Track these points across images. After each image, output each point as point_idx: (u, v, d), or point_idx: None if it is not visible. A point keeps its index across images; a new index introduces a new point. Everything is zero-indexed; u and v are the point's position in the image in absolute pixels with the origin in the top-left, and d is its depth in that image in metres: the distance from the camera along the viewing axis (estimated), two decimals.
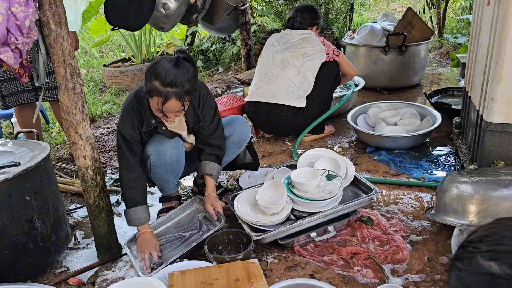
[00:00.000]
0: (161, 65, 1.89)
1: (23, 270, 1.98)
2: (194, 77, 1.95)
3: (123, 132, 2.07)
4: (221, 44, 5.91)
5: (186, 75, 1.89)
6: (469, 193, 1.81)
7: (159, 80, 1.87)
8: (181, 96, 1.89)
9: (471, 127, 2.54)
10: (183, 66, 1.90)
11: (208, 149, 2.24)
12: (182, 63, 1.91)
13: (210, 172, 2.22)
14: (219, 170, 2.28)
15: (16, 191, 1.89)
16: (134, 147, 2.10)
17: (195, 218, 2.26)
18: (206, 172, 2.22)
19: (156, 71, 1.88)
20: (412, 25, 4.00)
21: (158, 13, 2.93)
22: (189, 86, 1.91)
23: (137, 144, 2.11)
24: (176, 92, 1.88)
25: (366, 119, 3.20)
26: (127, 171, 2.09)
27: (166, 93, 1.87)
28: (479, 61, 2.41)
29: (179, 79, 1.87)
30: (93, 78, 5.73)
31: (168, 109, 1.92)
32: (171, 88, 1.87)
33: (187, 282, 1.63)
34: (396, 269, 1.87)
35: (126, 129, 2.07)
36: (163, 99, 1.88)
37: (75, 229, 2.48)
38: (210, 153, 2.24)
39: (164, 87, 1.87)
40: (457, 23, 6.22)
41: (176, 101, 1.89)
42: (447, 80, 4.54)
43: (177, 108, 1.93)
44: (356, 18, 7.20)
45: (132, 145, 2.09)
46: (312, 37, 3.03)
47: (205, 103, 2.17)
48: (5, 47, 1.59)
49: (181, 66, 1.90)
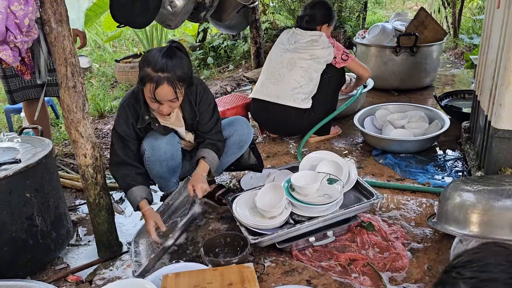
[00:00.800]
0: (152, 53, 1.95)
1: (22, 266, 2.00)
2: (187, 66, 1.97)
3: (118, 129, 2.10)
4: (232, 41, 5.88)
5: (178, 62, 1.93)
6: (471, 202, 1.76)
7: (150, 67, 1.90)
8: (172, 82, 1.90)
9: (479, 133, 2.48)
10: (175, 54, 1.94)
11: (207, 139, 2.23)
12: (173, 51, 1.94)
13: (204, 155, 2.17)
14: (216, 159, 2.22)
15: (16, 188, 1.91)
16: (129, 144, 2.11)
17: (187, 202, 2.19)
18: (200, 155, 2.18)
19: (148, 58, 1.93)
20: (425, 26, 3.92)
21: (165, 10, 2.92)
22: (181, 73, 1.93)
23: (132, 141, 2.12)
24: (167, 78, 1.90)
25: (373, 121, 3.15)
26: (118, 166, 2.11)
27: (157, 78, 1.89)
28: (489, 64, 2.35)
29: (171, 64, 1.90)
30: (105, 73, 5.77)
31: (161, 95, 1.92)
32: (162, 73, 1.89)
33: (180, 284, 1.63)
34: (395, 277, 1.83)
35: (121, 126, 2.09)
36: (154, 85, 1.90)
37: (78, 226, 2.50)
38: (209, 143, 2.22)
39: (156, 72, 1.89)
40: (473, 23, 6.08)
41: (168, 86, 1.90)
42: (461, 82, 4.44)
43: (169, 94, 1.93)
44: (369, 17, 7.10)
45: (127, 141, 2.10)
46: (322, 39, 2.97)
47: (202, 98, 2.17)
48: (4, 45, 1.60)
49: (173, 53, 1.93)
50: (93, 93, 4.92)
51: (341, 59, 3.00)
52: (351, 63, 3.05)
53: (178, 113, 2.18)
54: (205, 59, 5.58)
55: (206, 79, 5.19)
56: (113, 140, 2.12)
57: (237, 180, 2.69)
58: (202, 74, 5.29)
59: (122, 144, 2.11)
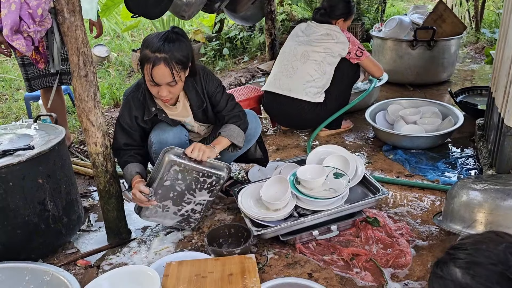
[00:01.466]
0: (151, 36, 1.99)
1: (34, 249, 2.07)
2: (186, 49, 1.98)
3: (120, 120, 2.14)
4: (248, 32, 5.87)
5: (177, 45, 1.95)
6: (478, 201, 1.74)
7: (148, 48, 1.94)
8: (169, 62, 1.92)
9: (493, 130, 2.43)
10: (175, 38, 1.96)
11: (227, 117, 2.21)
12: (173, 35, 1.97)
13: (220, 130, 2.14)
14: (237, 129, 2.16)
15: (29, 174, 1.97)
16: (131, 134, 2.15)
17: None
18: (222, 130, 2.14)
19: (147, 41, 1.97)
20: (443, 19, 3.84)
21: (179, 1, 2.94)
22: (180, 55, 1.95)
23: (134, 132, 2.16)
24: (164, 58, 1.91)
25: (386, 116, 3.12)
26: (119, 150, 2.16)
27: (154, 58, 1.92)
28: (505, 61, 2.29)
29: (168, 45, 1.92)
30: (122, 62, 5.85)
31: (158, 76, 1.94)
32: (160, 54, 1.92)
33: (182, 273, 1.66)
34: (397, 273, 1.83)
35: (124, 118, 2.13)
36: (151, 65, 1.92)
37: (90, 212, 2.56)
38: (229, 118, 2.20)
39: (153, 53, 1.92)
40: (496, 17, 5.92)
41: (165, 67, 1.92)
42: (480, 78, 4.34)
43: (166, 75, 1.94)
44: (388, 9, 6.97)
45: (129, 132, 2.14)
46: (337, 32, 2.95)
47: (207, 82, 2.19)
48: (17, 34, 1.64)
49: (172, 37, 1.96)
50: (110, 82, 5.00)
51: (355, 55, 2.97)
52: (364, 60, 3.02)
53: (184, 102, 2.20)
54: (221, 50, 5.59)
55: (221, 70, 5.21)
56: (116, 130, 2.18)
57: (245, 172, 2.71)
58: (217, 65, 5.30)
59: (125, 135, 2.15)
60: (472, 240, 0.85)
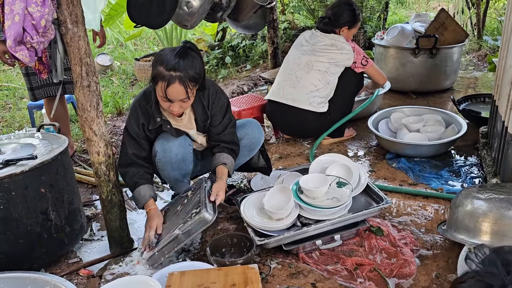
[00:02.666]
0: (165, 52, 1.98)
1: (37, 259, 2.06)
2: (199, 66, 1.99)
3: (129, 129, 2.14)
4: (250, 41, 5.90)
5: (190, 62, 1.95)
6: (482, 210, 1.73)
7: (163, 66, 1.94)
8: (184, 81, 1.93)
9: (496, 138, 2.42)
10: (188, 54, 1.97)
11: (222, 143, 2.25)
12: (186, 51, 1.97)
13: (224, 162, 2.20)
14: (233, 163, 2.26)
15: (32, 183, 1.97)
16: (140, 144, 2.16)
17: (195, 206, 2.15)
18: (221, 161, 2.20)
19: (161, 57, 1.97)
20: (445, 27, 3.84)
21: (181, 11, 2.95)
22: (193, 73, 1.96)
23: (143, 141, 2.17)
24: (179, 76, 1.92)
25: (388, 124, 3.11)
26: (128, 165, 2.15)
27: (169, 76, 1.92)
28: (508, 69, 2.29)
29: (182, 64, 1.93)
30: (125, 71, 5.87)
31: (172, 94, 1.95)
32: (174, 72, 1.92)
33: (184, 283, 1.65)
34: (401, 284, 1.81)
35: (132, 126, 2.13)
36: (166, 83, 1.92)
37: (92, 221, 2.56)
38: (224, 146, 2.24)
39: (168, 71, 1.92)
40: (498, 24, 5.92)
41: (179, 85, 1.93)
42: (483, 85, 4.33)
43: (181, 93, 1.95)
44: (390, 17, 6.99)
45: (138, 141, 2.15)
46: (342, 42, 2.94)
47: (214, 100, 2.19)
48: (21, 45, 1.65)
49: (186, 53, 1.96)
50: (113, 90, 5.02)
51: (361, 64, 2.97)
52: (369, 68, 3.03)
53: (190, 115, 2.20)
54: (223, 58, 5.61)
55: (223, 78, 5.22)
56: (124, 139, 2.18)
57: (248, 181, 2.70)
58: (219, 73, 5.32)
59: (133, 144, 2.15)
60: None
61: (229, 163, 2.22)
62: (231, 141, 2.26)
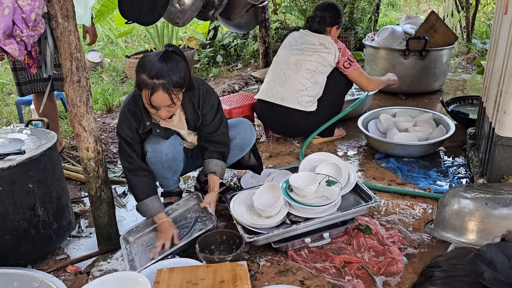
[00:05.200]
0: (148, 58, 1.93)
1: (24, 255, 2.04)
2: (183, 70, 1.96)
3: (122, 135, 2.11)
4: (242, 40, 5.90)
5: (174, 67, 1.91)
6: (469, 209, 1.75)
7: (146, 73, 1.90)
8: (168, 88, 1.90)
9: (484, 139, 2.46)
10: (171, 59, 1.92)
11: (212, 147, 2.24)
12: (170, 56, 1.93)
13: (214, 170, 2.23)
14: (224, 167, 2.28)
15: (19, 179, 1.95)
16: (135, 147, 2.14)
17: (190, 215, 2.27)
18: (210, 170, 2.23)
19: (143, 64, 1.92)
20: (435, 29, 3.88)
21: (173, 8, 2.94)
22: (177, 78, 1.92)
23: (138, 144, 2.15)
24: (163, 84, 1.89)
25: (378, 125, 3.13)
26: (134, 171, 2.13)
27: (152, 84, 1.89)
28: (495, 71, 2.32)
29: (166, 70, 1.89)
30: (115, 68, 5.83)
31: (157, 101, 1.93)
32: (158, 80, 1.89)
33: (173, 280, 1.65)
34: (389, 281, 1.83)
35: (125, 131, 2.11)
36: (150, 91, 1.90)
37: (81, 217, 2.54)
38: (214, 150, 2.24)
39: (151, 79, 1.89)
40: (487, 28, 6.01)
41: (163, 93, 1.90)
42: (472, 87, 4.39)
43: (165, 100, 1.93)
44: (381, 19, 7.05)
45: (133, 145, 2.13)
46: (330, 42, 2.96)
47: (205, 100, 2.17)
48: (10, 39, 1.63)
49: (169, 58, 1.92)
50: (103, 87, 4.98)
51: (343, 66, 2.97)
52: (351, 72, 2.98)
53: (180, 115, 2.19)
54: (215, 57, 5.60)
55: (214, 77, 5.22)
56: (121, 146, 2.15)
57: (238, 179, 2.71)
58: (211, 72, 5.31)
59: (131, 149, 2.13)
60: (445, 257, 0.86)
61: (219, 170, 2.23)
62: (223, 142, 2.26)
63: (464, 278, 0.73)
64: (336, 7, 3.09)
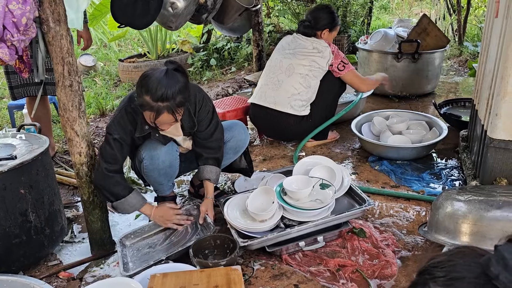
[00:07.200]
0: (151, 79, 1.87)
1: (15, 261, 2.02)
2: (185, 88, 1.93)
3: (114, 133, 2.03)
4: (236, 43, 5.90)
5: (176, 87, 1.87)
6: (462, 212, 1.76)
7: (149, 95, 1.85)
8: (173, 110, 1.88)
9: (476, 141, 2.47)
10: (174, 78, 1.88)
11: (206, 153, 2.23)
12: (172, 75, 1.88)
13: (208, 177, 2.23)
14: (218, 172, 2.28)
15: (11, 184, 1.93)
16: (123, 149, 2.08)
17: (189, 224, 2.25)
18: (205, 177, 2.24)
19: (146, 85, 1.86)
20: (427, 33, 3.91)
21: (166, 12, 2.94)
22: (180, 98, 1.89)
23: (127, 147, 2.10)
24: (167, 106, 1.86)
25: (371, 127, 3.14)
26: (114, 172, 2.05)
27: (157, 107, 1.86)
28: (487, 74, 2.34)
29: (170, 92, 1.84)
30: (109, 72, 5.81)
31: (161, 122, 1.93)
32: (162, 103, 1.85)
33: (167, 285, 1.64)
34: (383, 285, 1.83)
35: (118, 131, 2.04)
36: (155, 114, 1.88)
37: (74, 223, 2.52)
38: (208, 157, 2.24)
39: (155, 102, 1.85)
40: (478, 31, 6.06)
41: (168, 114, 1.89)
42: (464, 90, 4.42)
43: (169, 120, 1.94)
44: (374, 22, 7.09)
45: (122, 146, 2.07)
46: (323, 46, 2.96)
47: (201, 107, 2.16)
48: (1, 43, 1.62)
49: (171, 78, 1.87)
50: (96, 91, 4.96)
51: (337, 68, 2.97)
52: (345, 74, 2.98)
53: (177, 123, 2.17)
54: (208, 60, 5.60)
55: (208, 80, 5.21)
56: (108, 145, 2.04)
57: (232, 182, 2.70)
58: (204, 75, 5.31)
59: (118, 149, 2.04)
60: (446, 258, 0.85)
61: (213, 176, 2.24)
62: (216, 148, 2.25)
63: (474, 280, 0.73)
64: (329, 10, 3.06)
